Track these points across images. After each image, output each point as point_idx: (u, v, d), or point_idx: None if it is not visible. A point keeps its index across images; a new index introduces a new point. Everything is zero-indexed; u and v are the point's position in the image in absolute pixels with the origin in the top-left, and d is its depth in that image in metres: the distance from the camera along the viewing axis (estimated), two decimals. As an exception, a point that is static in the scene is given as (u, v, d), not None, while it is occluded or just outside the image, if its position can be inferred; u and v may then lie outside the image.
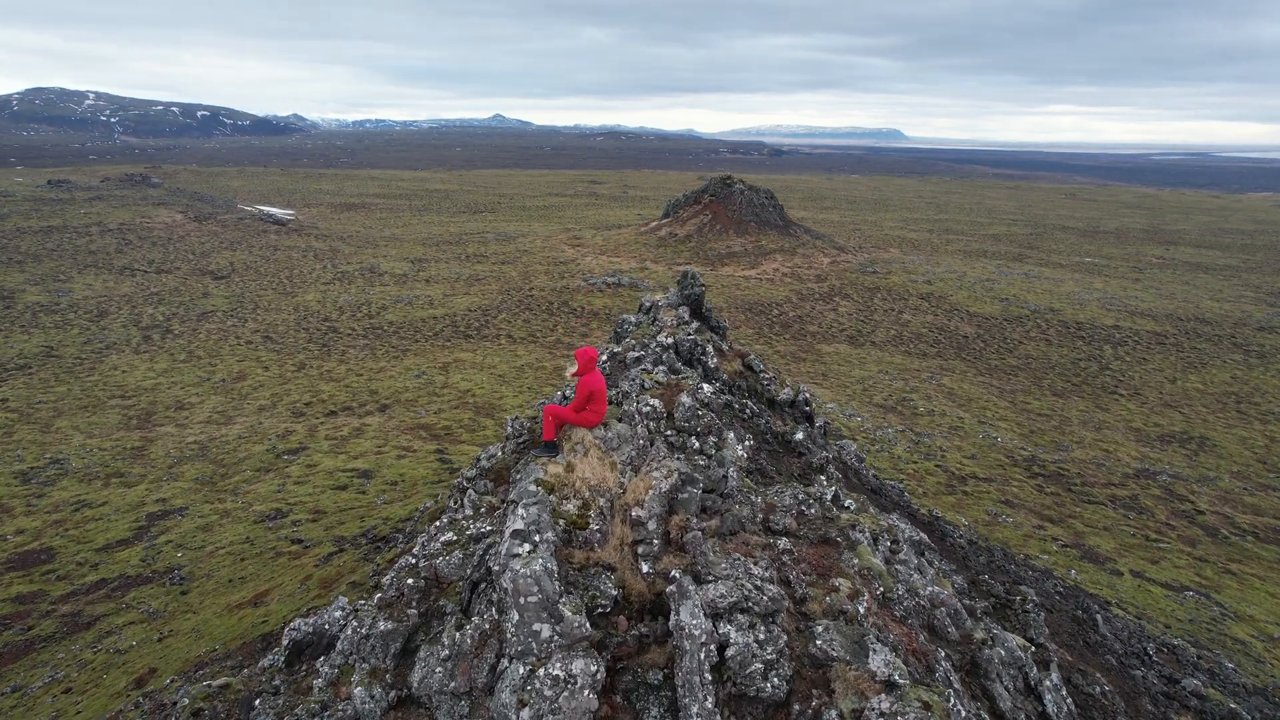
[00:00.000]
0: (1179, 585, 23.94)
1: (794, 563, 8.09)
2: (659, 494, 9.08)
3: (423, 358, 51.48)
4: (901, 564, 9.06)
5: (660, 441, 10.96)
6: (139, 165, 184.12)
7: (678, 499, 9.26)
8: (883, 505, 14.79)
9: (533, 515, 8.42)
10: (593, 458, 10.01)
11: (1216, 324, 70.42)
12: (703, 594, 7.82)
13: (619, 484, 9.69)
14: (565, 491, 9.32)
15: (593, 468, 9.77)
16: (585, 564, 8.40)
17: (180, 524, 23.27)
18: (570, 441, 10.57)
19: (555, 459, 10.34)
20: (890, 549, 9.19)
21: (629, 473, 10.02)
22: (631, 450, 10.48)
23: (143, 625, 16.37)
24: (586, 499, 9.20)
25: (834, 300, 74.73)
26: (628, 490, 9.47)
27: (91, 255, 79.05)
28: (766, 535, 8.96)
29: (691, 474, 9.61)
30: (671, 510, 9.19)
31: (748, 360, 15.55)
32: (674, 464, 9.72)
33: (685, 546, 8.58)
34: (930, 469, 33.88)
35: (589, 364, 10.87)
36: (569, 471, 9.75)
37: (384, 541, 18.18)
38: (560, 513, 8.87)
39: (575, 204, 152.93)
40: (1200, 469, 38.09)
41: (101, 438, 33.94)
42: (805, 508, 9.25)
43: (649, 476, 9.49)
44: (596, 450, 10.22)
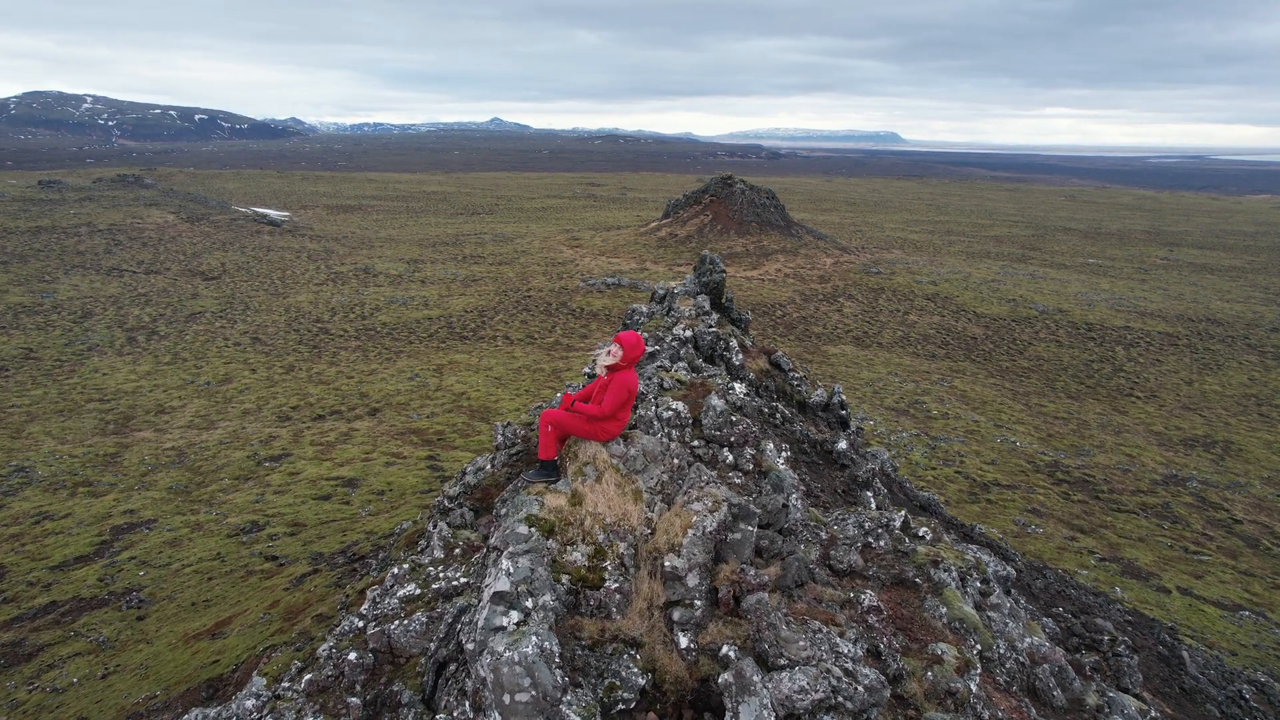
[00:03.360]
0: (1231, 604, 22.20)
1: (883, 625, 6.14)
2: (702, 535, 6.54)
3: (416, 359, 49.70)
4: (994, 610, 7.20)
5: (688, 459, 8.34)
6: (135, 168, 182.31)
7: (726, 541, 6.72)
8: (934, 524, 13.15)
9: (523, 570, 6.01)
10: (609, 484, 7.38)
11: (1229, 325, 68.81)
12: (773, 687, 5.61)
13: (645, 521, 7.11)
14: (570, 533, 6.78)
15: (609, 499, 7.17)
16: (599, 639, 5.99)
17: (147, 538, 21.46)
18: (577, 461, 8.10)
19: (556, 486, 7.81)
20: (980, 590, 7.34)
21: (658, 505, 7.40)
22: (662, 472, 7.81)
23: (89, 658, 14.58)
24: (600, 544, 6.68)
25: (838, 301, 73.04)
26: (658, 530, 6.94)
27: (79, 256, 77.16)
28: (835, 580, 6.89)
29: (746, 505, 6.99)
30: (718, 556, 6.68)
31: (774, 358, 13.67)
32: (720, 492, 7.15)
33: (742, 612, 6.19)
34: (950, 475, 32.14)
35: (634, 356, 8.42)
36: (575, 504, 7.16)
37: (361, 562, 16.42)
38: (563, 565, 6.42)
39: (573, 206, 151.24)
40: (1229, 475, 36.37)
41: (74, 444, 32.11)
42: (873, 539, 7.40)
43: (687, 510, 6.89)
44: (614, 474, 7.59)
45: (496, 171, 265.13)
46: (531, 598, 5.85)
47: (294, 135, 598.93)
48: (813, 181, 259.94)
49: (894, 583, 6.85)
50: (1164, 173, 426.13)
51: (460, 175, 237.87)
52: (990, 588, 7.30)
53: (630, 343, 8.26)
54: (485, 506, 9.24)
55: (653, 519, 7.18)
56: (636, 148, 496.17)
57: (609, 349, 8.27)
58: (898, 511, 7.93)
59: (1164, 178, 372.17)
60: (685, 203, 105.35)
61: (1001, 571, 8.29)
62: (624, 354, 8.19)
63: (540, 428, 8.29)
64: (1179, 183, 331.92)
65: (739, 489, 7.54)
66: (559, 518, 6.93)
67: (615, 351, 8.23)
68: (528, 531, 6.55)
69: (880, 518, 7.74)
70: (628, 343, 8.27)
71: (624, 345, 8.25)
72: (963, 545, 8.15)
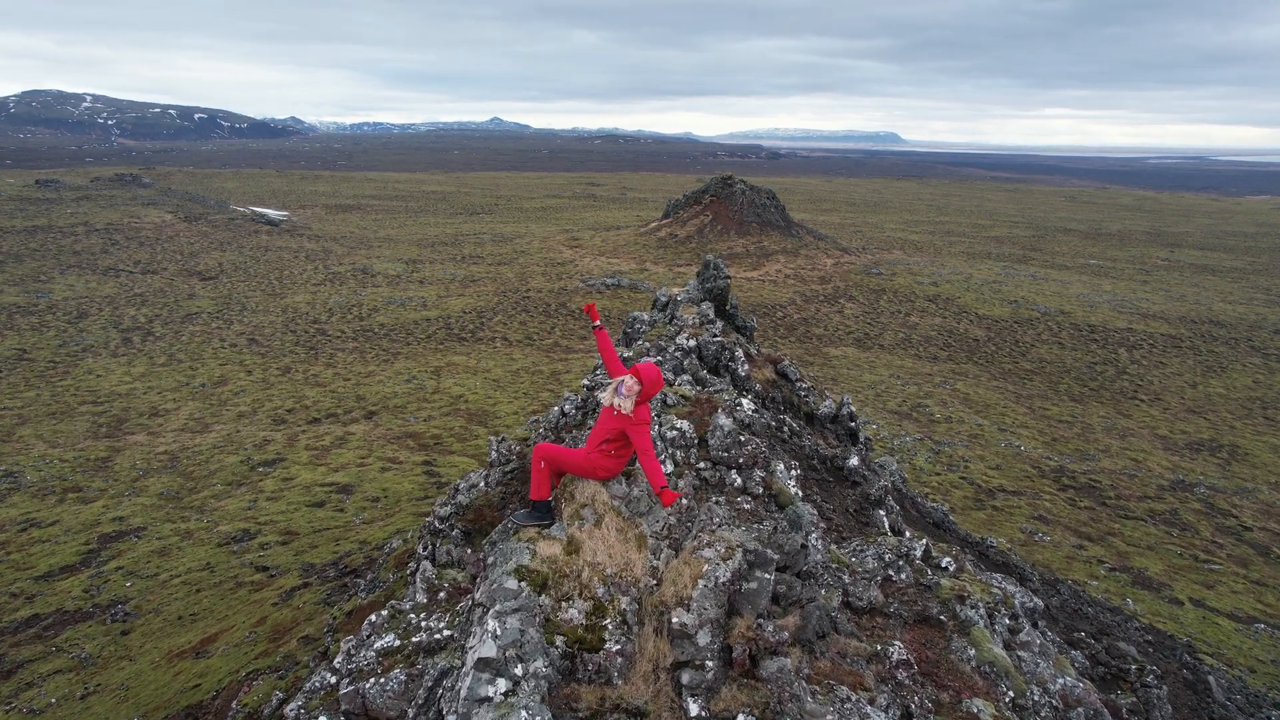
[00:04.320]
0: (1245, 616, 21.73)
1: (914, 682, 5.55)
2: (714, 587, 5.77)
3: (414, 361, 49.21)
4: (1024, 648, 6.70)
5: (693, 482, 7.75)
6: (134, 167, 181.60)
7: (741, 591, 5.93)
8: (948, 543, 12.58)
9: (511, 633, 5.28)
10: (609, 529, 6.55)
11: (1232, 327, 68.36)
12: (799, 767, 4.75)
13: (650, 571, 6.32)
14: (565, 587, 5.97)
15: (609, 546, 6.36)
16: (598, 709, 5.22)
17: (135, 547, 20.97)
18: (574, 503, 7.17)
19: (550, 531, 6.86)
20: (1009, 627, 6.82)
21: (665, 551, 6.58)
22: (669, 514, 6.99)
23: (70, 675, 14.09)
24: (599, 599, 5.89)
25: (839, 302, 72.58)
26: (664, 581, 6.12)
27: (76, 256, 76.63)
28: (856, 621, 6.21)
29: (763, 552, 6.18)
30: (732, 609, 5.88)
31: (781, 367, 13.12)
32: (734, 536, 6.35)
33: (759, 674, 5.43)
34: (955, 481, 31.66)
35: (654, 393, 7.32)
36: (572, 553, 6.32)
37: (354, 575, 15.92)
38: (557, 624, 5.62)
39: (573, 205, 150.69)
40: (1236, 480, 35.90)
41: (65, 447, 31.61)
42: (893, 572, 6.88)
43: (697, 559, 6.07)
44: (615, 517, 6.75)
45: (496, 171, 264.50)
46: (521, 664, 5.16)
47: (293, 134, 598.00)
48: (813, 182, 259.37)
49: (917, 620, 6.34)
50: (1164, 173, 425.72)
51: (460, 175, 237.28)
52: (1019, 623, 6.77)
53: (651, 378, 7.22)
54: (478, 528, 8.73)
55: (659, 568, 6.42)
56: (636, 148, 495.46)
57: (624, 383, 7.24)
58: (918, 539, 7.40)
59: (1164, 178, 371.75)
60: (685, 203, 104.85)
61: (1029, 603, 7.78)
62: (643, 391, 7.18)
63: (533, 464, 7.28)
64: (1179, 183, 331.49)
65: (748, 515, 6.92)
66: (553, 569, 6.14)
67: (633, 387, 7.16)
68: (517, 586, 5.82)
69: (900, 547, 7.21)
70: (648, 378, 7.20)
71: (644, 381, 7.18)
72: (986, 575, 7.63)
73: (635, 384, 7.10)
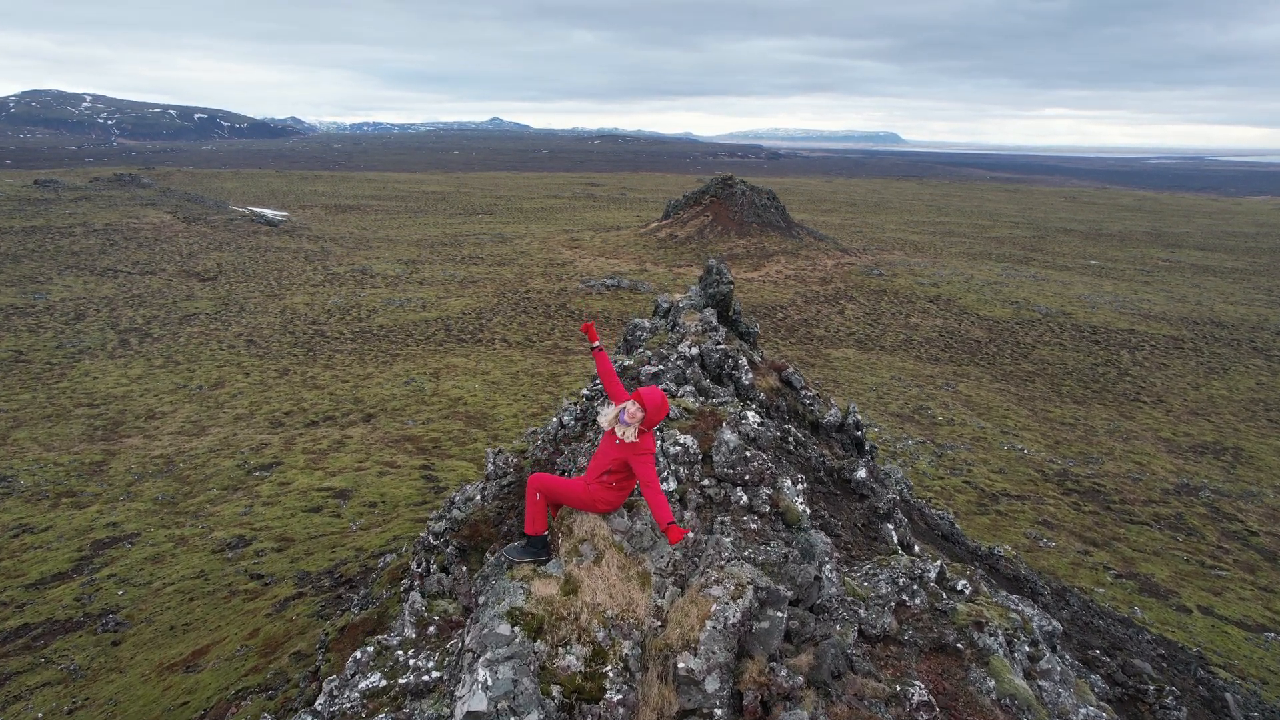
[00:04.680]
0: (1254, 624, 21.45)
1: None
2: (723, 629, 5.33)
3: (413, 363, 48.93)
4: (1046, 677, 6.38)
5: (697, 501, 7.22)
6: (133, 167, 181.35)
7: (752, 631, 5.51)
8: (958, 557, 12.30)
9: (503, 684, 4.82)
10: (610, 567, 6.08)
11: (1234, 328, 68.07)
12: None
13: (654, 611, 5.83)
14: (562, 631, 5.49)
15: (610, 585, 5.90)
16: None
17: (128, 554, 20.69)
18: (571, 538, 6.66)
19: (546, 568, 6.35)
20: (1029, 655, 6.50)
21: (669, 589, 6.10)
22: (674, 549, 6.51)
23: (58, 688, 13.82)
24: (599, 643, 5.42)
25: (840, 303, 72.30)
26: (669, 622, 5.65)
27: (74, 256, 76.37)
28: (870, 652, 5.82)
29: (774, 588, 5.75)
30: (742, 650, 5.46)
31: (785, 374, 12.80)
32: (744, 572, 5.90)
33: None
34: (958, 485, 31.37)
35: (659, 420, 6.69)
36: (569, 593, 5.86)
37: (349, 585, 15.65)
38: (553, 672, 5.16)
39: (573, 206, 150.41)
40: (1241, 483, 35.63)
41: (60, 451, 31.33)
42: (907, 597, 6.59)
43: (705, 597, 5.63)
44: (616, 554, 6.26)
45: (496, 171, 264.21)
46: (514, 717, 4.71)
47: (293, 135, 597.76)
48: (813, 182, 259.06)
49: (933, 649, 6.05)
50: (1163, 173, 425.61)
51: (459, 175, 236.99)
52: (1039, 650, 6.45)
53: (655, 404, 6.55)
54: (473, 545, 8.44)
55: (663, 607, 5.92)
56: (636, 148, 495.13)
57: (626, 409, 6.63)
58: (932, 560, 7.08)
59: (1163, 178, 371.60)
60: (685, 203, 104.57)
61: (1047, 627, 7.47)
62: (647, 418, 6.55)
63: (527, 495, 6.68)
64: (1178, 184, 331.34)
65: (755, 535, 6.57)
66: (549, 611, 5.65)
67: (636, 414, 6.56)
68: (510, 632, 5.34)
69: (913, 568, 6.89)
70: (652, 404, 6.53)
71: (648, 408, 6.51)
72: (1002, 597, 7.35)
73: (638, 411, 6.55)
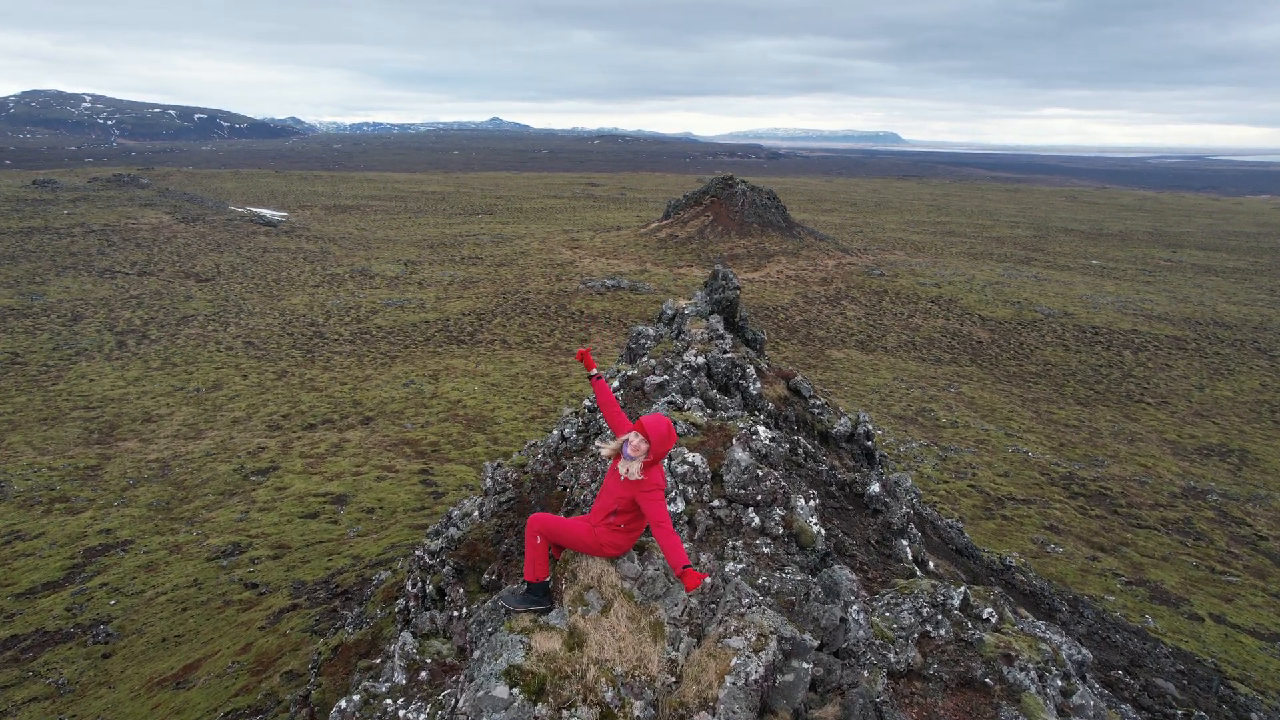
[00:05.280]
0: (1268, 632, 21.10)
1: None
2: (744, 685, 4.78)
3: (412, 365, 48.59)
4: (1079, 713, 5.93)
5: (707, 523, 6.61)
6: (133, 167, 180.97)
7: (775, 686, 4.99)
8: (974, 573, 11.94)
9: None
10: (619, 618, 5.54)
11: (1237, 328, 67.73)
12: None
13: (668, 665, 5.26)
14: (566, 692, 4.91)
15: (619, 638, 5.35)
16: None
17: (121, 561, 20.34)
18: (576, 585, 6.11)
19: (548, 619, 5.74)
20: (1062, 690, 6.11)
21: (684, 640, 5.49)
22: (689, 597, 5.84)
23: (45, 704, 13.47)
24: (608, 704, 4.85)
25: (841, 304, 71.97)
26: (685, 678, 5.10)
27: (71, 257, 76.05)
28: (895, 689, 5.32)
29: (800, 638, 5.19)
30: (765, 706, 4.94)
31: (793, 383, 12.39)
32: (766, 620, 5.29)
33: None
34: (963, 489, 31.03)
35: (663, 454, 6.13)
36: (574, 648, 5.28)
37: (344, 597, 15.30)
38: None
39: (573, 206, 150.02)
40: (1248, 486, 35.28)
41: (55, 455, 30.98)
42: (931, 627, 6.23)
43: (724, 649, 5.05)
44: (626, 603, 5.72)
45: (495, 171, 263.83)
46: None
47: (293, 135, 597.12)
48: (813, 182, 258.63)
49: (960, 684, 5.67)
50: (1164, 173, 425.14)
51: (459, 175, 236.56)
52: (1072, 684, 6.03)
53: (660, 435, 5.99)
54: (470, 565, 8.09)
55: (678, 661, 5.33)
56: (636, 147, 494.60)
57: (629, 443, 6.05)
58: (955, 586, 6.70)
59: (1164, 178, 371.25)
60: (686, 203, 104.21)
61: (1076, 655, 7.09)
62: (652, 449, 5.98)
63: (527, 538, 6.11)
64: (1179, 183, 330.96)
65: (768, 560, 6.17)
66: (551, 669, 5.05)
67: (640, 446, 6.00)
68: (508, 695, 4.77)
69: (935, 596, 6.50)
70: (657, 435, 5.98)
71: (652, 439, 5.96)
72: (1029, 624, 6.96)
73: (642, 443, 6.01)
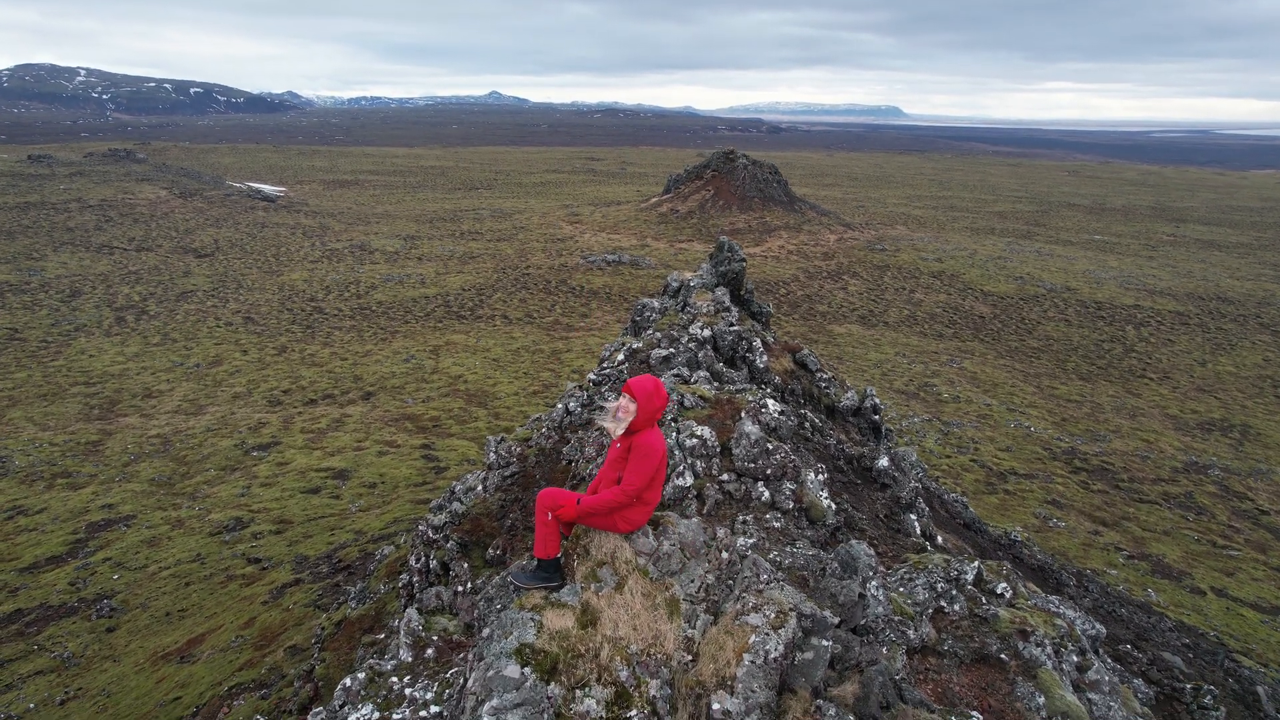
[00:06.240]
0: (1269, 606, 21.15)
1: None
2: (763, 663, 4.61)
3: (412, 340, 48.44)
4: (1094, 689, 5.92)
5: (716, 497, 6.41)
6: (129, 142, 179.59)
7: (795, 664, 4.78)
8: (982, 548, 11.88)
9: None
10: (633, 594, 5.30)
11: (1240, 303, 67.47)
12: None
13: (684, 643, 5.05)
14: (580, 671, 4.73)
15: (634, 615, 5.13)
16: None
17: (124, 536, 20.33)
18: (589, 561, 5.84)
19: (560, 595, 5.52)
20: (1077, 665, 6.03)
21: (701, 617, 5.30)
22: (705, 572, 5.60)
23: (50, 677, 13.49)
24: (622, 683, 4.66)
25: (843, 279, 71.64)
26: (702, 655, 4.92)
27: (69, 232, 75.60)
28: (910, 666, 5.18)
29: (820, 615, 4.98)
30: (784, 684, 4.75)
31: (800, 356, 12.22)
32: (785, 596, 5.11)
33: None
34: (966, 464, 31.00)
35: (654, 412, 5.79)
36: (587, 626, 5.07)
37: (347, 571, 15.27)
38: (570, 718, 4.42)
39: (573, 181, 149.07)
40: (1249, 461, 35.27)
41: (56, 430, 30.93)
42: (946, 603, 6.13)
43: (742, 626, 4.89)
44: (640, 579, 5.47)
45: (494, 146, 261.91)
46: None
47: (290, 109, 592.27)
48: (814, 156, 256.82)
49: (975, 660, 5.59)
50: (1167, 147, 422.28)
51: (458, 149, 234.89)
52: (1088, 659, 5.94)
53: (646, 392, 5.65)
54: (475, 540, 8.01)
55: (694, 639, 5.14)
56: (636, 121, 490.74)
57: (618, 404, 5.76)
58: (969, 560, 6.61)
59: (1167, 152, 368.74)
60: (686, 178, 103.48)
61: (1090, 630, 7.03)
62: (639, 410, 5.65)
63: (537, 515, 5.79)
64: (1183, 157, 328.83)
65: (779, 535, 6.07)
66: (564, 648, 4.87)
67: (628, 407, 5.69)
68: (519, 674, 4.59)
69: (949, 571, 6.39)
70: (642, 393, 5.63)
71: (638, 397, 5.62)
72: (1043, 600, 6.86)
73: (630, 403, 5.70)
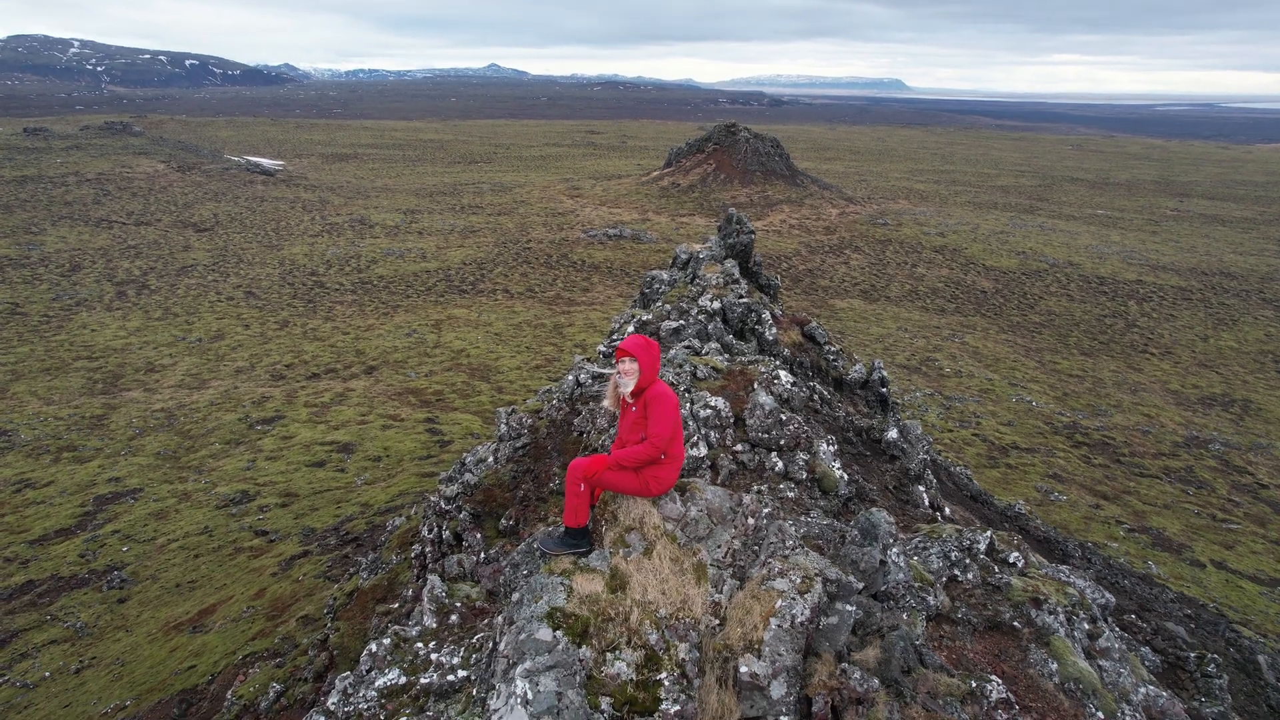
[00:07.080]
0: (1268, 578, 21.34)
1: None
2: (790, 627, 4.68)
3: (414, 314, 48.42)
4: (1105, 656, 6.00)
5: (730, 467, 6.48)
6: (125, 115, 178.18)
7: (820, 628, 4.85)
8: (988, 519, 11.98)
9: (546, 697, 4.17)
10: (662, 559, 5.36)
11: (1243, 278, 67.34)
12: None
13: (711, 608, 5.13)
14: (610, 634, 4.79)
15: (663, 580, 5.21)
16: None
17: (132, 509, 20.46)
18: (617, 526, 5.91)
19: (589, 561, 5.60)
20: (1088, 634, 6.10)
21: (728, 582, 5.36)
22: (732, 538, 5.65)
23: (64, 646, 13.65)
24: (652, 646, 4.74)
25: (845, 253, 71.45)
26: (729, 620, 4.99)
27: (67, 206, 75.26)
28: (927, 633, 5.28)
29: (845, 580, 5.08)
30: (809, 649, 4.82)
31: (808, 329, 12.23)
32: (810, 562, 5.15)
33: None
34: (968, 438, 31.13)
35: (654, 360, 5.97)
36: (617, 590, 5.14)
37: (355, 544, 15.39)
38: (601, 681, 4.50)
39: (573, 154, 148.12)
40: (1250, 435, 35.40)
41: (60, 404, 31.02)
42: (959, 571, 6.20)
43: (768, 591, 4.95)
44: (668, 544, 5.52)
45: (494, 119, 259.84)
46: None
47: (288, 82, 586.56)
48: (816, 129, 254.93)
49: (988, 627, 5.66)
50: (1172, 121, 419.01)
51: (457, 123, 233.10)
52: (1099, 627, 6.03)
53: (640, 345, 5.85)
54: (487, 510, 8.06)
55: (721, 604, 5.22)
56: (636, 94, 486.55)
57: (621, 367, 5.88)
58: (981, 531, 6.67)
59: (1172, 126, 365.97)
60: (687, 151, 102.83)
61: (1100, 600, 7.11)
62: (641, 362, 5.82)
63: (568, 485, 5.89)
64: (1188, 131, 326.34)
65: (793, 504, 6.15)
66: (595, 611, 4.93)
67: (631, 368, 5.84)
68: (551, 637, 4.65)
69: (962, 540, 6.45)
70: (637, 347, 5.82)
71: (638, 355, 5.79)
72: (1053, 569, 6.94)
73: (633, 364, 5.86)
